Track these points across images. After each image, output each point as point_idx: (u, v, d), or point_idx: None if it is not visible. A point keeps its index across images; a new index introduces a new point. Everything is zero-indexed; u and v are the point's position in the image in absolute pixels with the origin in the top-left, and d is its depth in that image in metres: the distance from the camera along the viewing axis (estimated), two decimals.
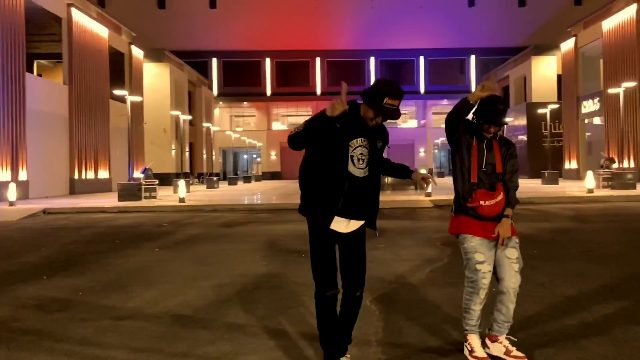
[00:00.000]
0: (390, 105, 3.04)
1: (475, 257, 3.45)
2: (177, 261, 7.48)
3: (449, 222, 3.77)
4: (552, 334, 3.96)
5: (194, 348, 3.87)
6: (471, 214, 3.50)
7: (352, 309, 3.32)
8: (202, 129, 50.52)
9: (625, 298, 4.87)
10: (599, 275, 5.83)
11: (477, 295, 3.46)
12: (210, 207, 17.05)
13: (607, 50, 30.51)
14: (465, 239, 3.51)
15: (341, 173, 3.11)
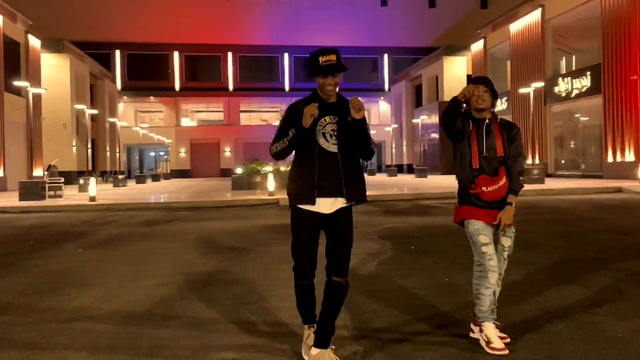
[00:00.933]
0: (327, 61, 3.14)
1: (480, 240, 3.50)
2: (107, 261, 6.96)
3: (379, 217, 3.80)
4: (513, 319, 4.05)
5: (159, 346, 3.58)
6: (474, 202, 3.54)
7: (336, 298, 3.23)
8: (106, 125, 48.01)
9: (570, 282, 5.10)
10: (537, 262, 6.10)
11: (486, 279, 3.47)
12: (123, 206, 16.16)
13: (514, 51, 32.45)
14: (469, 223, 3.56)
15: (314, 150, 3.16)
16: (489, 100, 3.55)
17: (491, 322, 3.49)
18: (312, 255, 3.25)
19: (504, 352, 3.32)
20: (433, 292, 4.91)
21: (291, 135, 3.13)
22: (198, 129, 59.48)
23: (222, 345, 3.61)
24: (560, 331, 3.76)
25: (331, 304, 3.22)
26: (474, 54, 38.49)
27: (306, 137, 3.12)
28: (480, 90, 3.52)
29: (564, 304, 4.42)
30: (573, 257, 6.42)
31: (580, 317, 4.05)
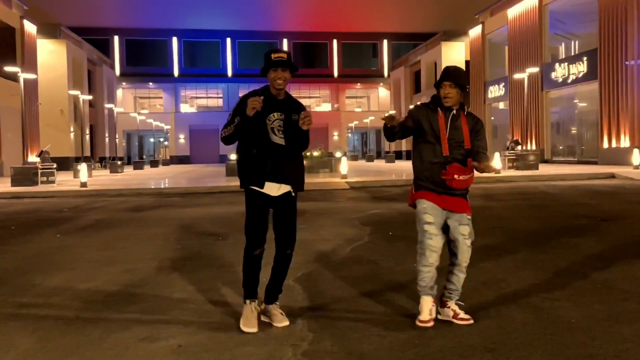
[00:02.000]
0: (278, 57, 3.54)
1: (424, 218, 3.61)
2: (82, 247, 6.95)
3: (365, 204, 3.86)
4: (475, 305, 4.01)
5: (107, 333, 3.55)
6: (431, 187, 3.62)
7: (283, 264, 3.80)
8: (104, 111, 47.92)
9: (538, 268, 5.07)
10: (510, 248, 6.06)
11: (425, 256, 3.60)
12: (114, 192, 16.16)
13: (512, 36, 32.18)
14: (419, 202, 3.67)
15: (264, 142, 3.59)
16: (455, 96, 3.61)
17: (429, 297, 3.63)
18: (263, 228, 3.68)
19: (427, 325, 3.53)
20: (400, 276, 4.88)
21: (236, 122, 3.54)
22: (197, 115, 59.40)
23: (172, 332, 3.58)
24: (515, 316, 3.72)
25: (280, 270, 3.80)
26: (472, 39, 38.20)
27: (249, 125, 3.53)
28: (446, 88, 3.59)
29: (525, 289, 4.39)
30: (547, 243, 6.38)
31: (539, 303, 4.01)
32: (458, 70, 3.67)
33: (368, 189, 14.89)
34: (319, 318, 3.81)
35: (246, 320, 3.59)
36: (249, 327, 3.55)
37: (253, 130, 3.56)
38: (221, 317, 3.89)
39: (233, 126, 3.53)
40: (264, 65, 3.57)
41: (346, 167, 18.58)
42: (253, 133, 3.57)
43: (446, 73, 3.62)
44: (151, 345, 3.36)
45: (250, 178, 3.62)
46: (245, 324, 3.58)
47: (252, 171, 3.60)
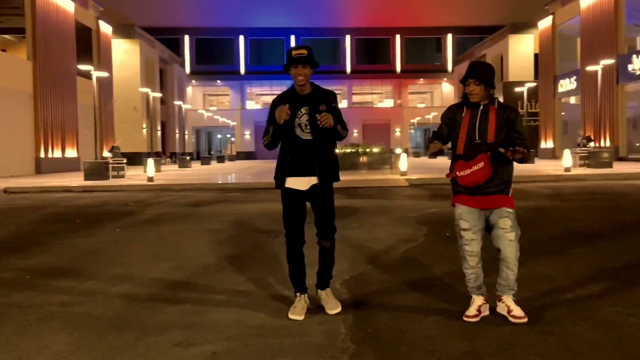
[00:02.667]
0: (298, 54, 3.63)
1: (460, 224, 3.63)
2: (137, 242, 7.02)
3: (424, 202, 3.70)
4: (537, 319, 3.66)
5: (143, 336, 3.47)
6: (461, 190, 3.60)
7: (324, 258, 3.92)
8: (175, 108, 49.43)
9: (611, 278, 4.60)
10: (582, 255, 5.58)
11: (465, 260, 3.66)
12: (179, 187, 16.51)
13: (584, 27, 30.45)
14: (456, 207, 3.68)
15: (289, 139, 3.76)
16: (481, 93, 3.53)
17: (480, 296, 3.67)
18: (299, 223, 3.84)
19: (472, 320, 3.55)
20: (454, 281, 4.55)
21: (271, 131, 3.77)
22: (262, 112, 60.17)
23: (209, 337, 3.45)
24: (583, 334, 3.33)
25: (323, 263, 3.93)
26: (542, 32, 36.44)
27: (284, 131, 3.72)
28: (470, 86, 3.52)
29: (594, 300, 3.96)
30: (621, 249, 5.82)
31: (611, 318, 3.59)
32: (482, 66, 3.58)
33: (428, 187, 14.43)
34: (363, 327, 3.58)
35: (294, 309, 3.77)
36: (295, 315, 3.71)
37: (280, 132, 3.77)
38: (262, 320, 3.74)
39: (269, 135, 3.77)
40: (286, 62, 3.69)
41: (406, 164, 18.13)
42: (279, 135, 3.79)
43: (469, 70, 3.54)
44: (185, 352, 3.23)
45: (277, 177, 3.84)
46: (292, 312, 3.74)
47: (279, 170, 3.82)
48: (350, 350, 3.21)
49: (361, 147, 22.33)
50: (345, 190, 13.74)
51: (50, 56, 27.45)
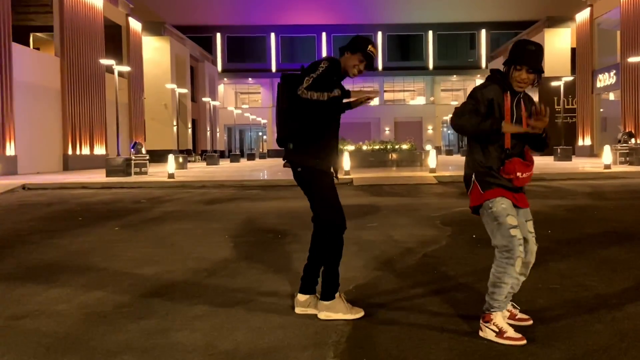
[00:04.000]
0: (371, 52, 3.36)
1: (507, 221, 2.97)
2: (132, 242, 6.46)
3: (452, 200, 2.98)
4: (578, 341, 2.89)
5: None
6: (505, 185, 3.01)
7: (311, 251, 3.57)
8: (206, 105, 49.39)
9: None
10: (628, 261, 4.74)
11: (513, 266, 2.96)
12: (199, 183, 16.03)
13: (624, 20, 28.87)
14: (494, 202, 2.99)
15: (337, 133, 3.54)
16: (529, 83, 3.03)
17: (502, 312, 3.03)
18: None
19: (522, 342, 2.87)
20: (478, 295, 3.80)
21: (337, 94, 3.22)
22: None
23: None
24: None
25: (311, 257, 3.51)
26: (579, 25, 34.81)
27: (338, 106, 3.35)
28: (523, 73, 2.98)
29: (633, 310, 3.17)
30: None
31: None
32: (538, 52, 3.00)
33: (458, 184, 13.54)
34: (356, 356, 2.87)
35: (351, 308, 3.42)
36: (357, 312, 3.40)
37: (335, 115, 3.45)
38: (235, 344, 3.06)
39: (328, 95, 3.19)
40: (353, 45, 3.38)
41: (435, 161, 17.22)
42: (333, 119, 3.45)
43: (528, 55, 2.97)
44: None
45: (330, 161, 3.44)
46: (352, 311, 3.40)
47: (330, 155, 3.45)
48: None
49: (390, 144, 21.54)
50: (370, 188, 13.02)
51: (78, 53, 27.45)
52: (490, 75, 3.11)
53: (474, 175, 3.06)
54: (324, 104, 3.18)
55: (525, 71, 2.96)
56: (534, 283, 3.95)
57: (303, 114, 3.32)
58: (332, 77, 3.28)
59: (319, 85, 3.17)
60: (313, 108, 3.23)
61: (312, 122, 3.34)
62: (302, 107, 3.26)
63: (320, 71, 3.20)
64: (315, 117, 3.33)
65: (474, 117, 2.91)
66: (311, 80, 3.17)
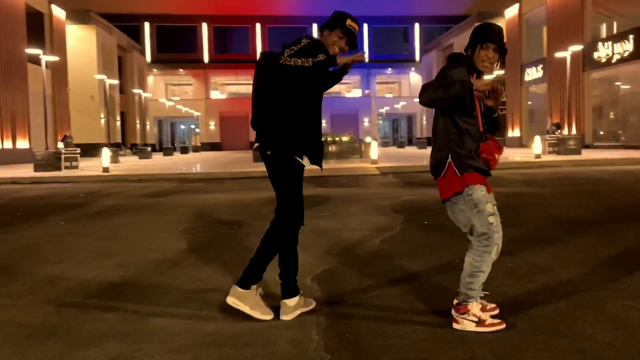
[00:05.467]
0: (351, 27, 3.13)
1: (486, 208, 2.94)
2: (81, 236, 6.27)
3: (397, 190, 3.01)
4: (539, 316, 3.14)
5: (69, 349, 2.81)
6: (482, 169, 2.98)
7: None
8: (135, 98, 47.85)
9: (609, 267, 4.13)
10: (575, 242, 5.12)
11: (489, 254, 2.96)
12: (136, 177, 15.63)
13: (550, 16, 30.49)
14: (474, 189, 2.94)
15: (320, 113, 3.20)
16: (495, 61, 3.05)
17: (477, 301, 3.01)
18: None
19: (501, 327, 2.92)
20: (440, 276, 4.01)
21: (321, 58, 2.94)
22: (227, 102, 59.03)
23: (152, 350, 2.80)
24: (596, 335, 2.82)
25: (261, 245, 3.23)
26: (508, 20, 36.47)
27: (326, 74, 3.03)
28: (490, 52, 3.01)
29: (599, 294, 3.48)
30: (615, 236, 5.39)
31: (621, 314, 3.10)
32: (502, 32, 3.08)
33: (400, 175, 13.97)
34: (339, 332, 2.99)
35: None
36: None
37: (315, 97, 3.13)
38: (218, 327, 3.10)
39: (313, 61, 2.91)
40: (331, 22, 3.18)
41: (377, 152, 17.63)
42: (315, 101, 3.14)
43: (493, 33, 3.01)
44: None
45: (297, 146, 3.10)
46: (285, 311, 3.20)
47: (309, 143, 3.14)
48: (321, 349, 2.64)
49: (330, 136, 21.76)
50: (314, 179, 13.16)
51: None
52: (455, 58, 3.07)
53: (451, 157, 2.94)
54: (309, 70, 2.90)
55: (492, 50, 2.98)
56: None
57: (283, 93, 3.03)
58: (316, 50, 3.02)
59: (302, 54, 2.93)
60: (297, 82, 2.99)
61: (293, 101, 3.04)
62: (283, 84, 3.01)
63: (302, 44, 3.01)
64: (297, 96, 3.04)
65: (439, 86, 2.85)
66: (292, 51, 2.96)
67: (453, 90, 2.80)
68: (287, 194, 3.12)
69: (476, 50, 2.98)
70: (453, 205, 3.02)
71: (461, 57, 3.05)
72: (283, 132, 3.05)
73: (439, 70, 3.01)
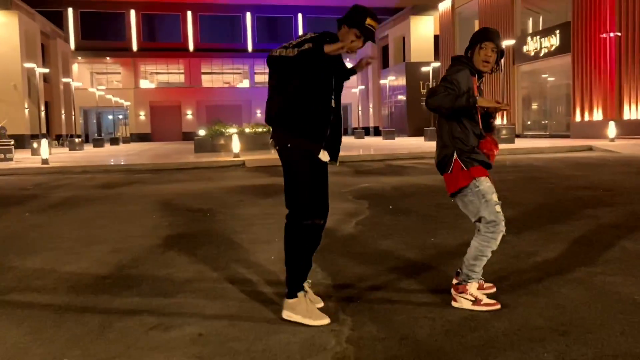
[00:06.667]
0: (371, 27, 3.07)
1: (493, 198, 3.21)
2: (56, 226, 6.29)
3: (351, 178, 3.37)
4: (518, 282, 3.64)
5: (109, 322, 3.03)
6: (486, 162, 3.25)
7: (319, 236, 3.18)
8: (60, 87, 45.83)
9: (566, 241, 4.73)
10: (525, 220, 5.73)
11: (495, 240, 3.21)
12: (79, 169, 15.26)
13: (482, 10, 31.90)
14: (480, 181, 3.21)
15: (329, 104, 3.07)
16: (493, 60, 3.28)
17: (477, 282, 3.27)
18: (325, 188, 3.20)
19: (496, 307, 3.14)
20: (418, 253, 4.47)
21: (306, 47, 2.80)
22: (158, 91, 57.55)
23: (185, 319, 3.07)
24: (569, 294, 3.35)
25: (315, 244, 3.19)
26: (442, 13, 37.85)
27: (314, 62, 2.85)
28: (488, 51, 3.24)
29: (563, 263, 4.03)
30: (562, 214, 6.06)
31: (587, 278, 3.65)
32: (499, 33, 3.34)
33: (348, 164, 14.46)
34: (350, 299, 3.37)
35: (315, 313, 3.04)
36: (322, 319, 3.00)
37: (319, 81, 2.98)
38: (239, 300, 3.40)
39: (299, 50, 2.78)
40: (349, 17, 3.06)
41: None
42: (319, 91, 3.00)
43: (491, 33, 3.24)
44: (165, 335, 2.86)
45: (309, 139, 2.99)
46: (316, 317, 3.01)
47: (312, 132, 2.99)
48: (348, 322, 3.02)
49: None
50: (265, 170, 13.41)
51: None
52: (458, 60, 3.30)
53: (456, 154, 3.18)
54: (293, 60, 2.79)
55: (490, 49, 3.19)
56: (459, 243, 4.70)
57: (290, 87, 2.97)
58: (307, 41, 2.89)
59: (295, 46, 2.84)
60: (284, 73, 2.95)
61: (298, 94, 2.96)
62: (289, 78, 2.97)
63: (301, 39, 2.91)
64: (302, 88, 2.96)
65: (448, 95, 3.07)
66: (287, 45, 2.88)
67: (458, 102, 3.05)
68: (292, 188, 3.03)
69: (475, 50, 3.23)
70: (463, 198, 3.26)
71: (461, 58, 3.29)
72: (290, 126, 2.99)
73: (445, 73, 3.28)
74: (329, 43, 2.91)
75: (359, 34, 3.03)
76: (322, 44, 2.83)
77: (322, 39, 2.92)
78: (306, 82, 2.96)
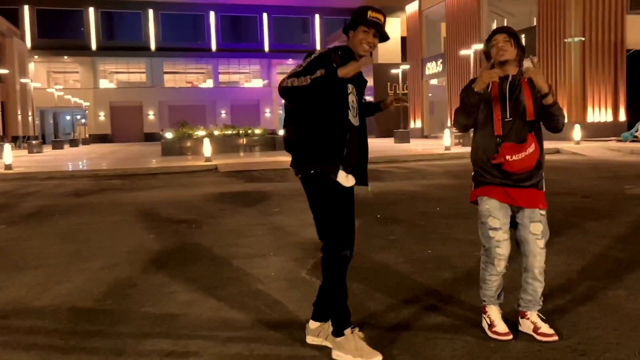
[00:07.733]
0: (375, 18, 2.92)
1: (488, 222, 3.02)
2: (37, 239, 6.05)
3: None
4: None
5: (121, 348, 2.92)
6: (492, 181, 3.02)
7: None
8: (16, 86, 44.30)
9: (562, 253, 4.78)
10: None
11: (492, 265, 3.04)
12: (44, 174, 14.76)
13: (449, 13, 32.31)
14: (482, 200, 3.06)
15: (345, 123, 2.84)
16: (513, 51, 3.01)
17: (496, 307, 3.12)
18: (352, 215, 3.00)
19: (507, 338, 2.98)
20: (420, 268, 4.47)
21: (318, 74, 2.66)
22: (118, 91, 56.30)
23: (201, 344, 2.99)
24: (581, 311, 3.39)
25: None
26: (409, 16, 38.16)
27: (329, 87, 2.70)
28: (499, 42, 3.02)
29: (566, 277, 4.09)
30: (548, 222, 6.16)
31: (593, 293, 3.71)
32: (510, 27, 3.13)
33: None
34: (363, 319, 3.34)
35: (368, 352, 2.82)
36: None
37: (332, 98, 2.77)
38: (249, 323, 3.32)
39: (311, 78, 2.64)
40: (352, 21, 2.93)
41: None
42: (331, 104, 2.78)
43: (495, 30, 3.09)
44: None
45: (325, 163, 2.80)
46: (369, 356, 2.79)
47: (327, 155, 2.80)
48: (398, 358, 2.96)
49: (242, 129, 21.71)
50: (239, 174, 13.25)
51: None
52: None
53: (473, 173, 3.17)
54: (307, 90, 2.66)
55: (502, 40, 3.03)
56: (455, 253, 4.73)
57: (304, 112, 2.83)
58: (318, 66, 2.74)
59: (303, 73, 2.71)
60: (301, 103, 2.81)
61: (313, 118, 2.81)
62: (303, 105, 2.82)
63: (307, 61, 2.80)
64: (317, 112, 2.80)
65: (461, 114, 3.06)
66: (295, 71, 2.76)
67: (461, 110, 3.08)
68: (319, 217, 2.86)
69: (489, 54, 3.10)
70: None
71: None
72: (309, 152, 2.83)
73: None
74: (341, 57, 2.84)
75: (365, 29, 2.90)
76: (335, 69, 2.69)
77: (333, 59, 2.79)
78: (321, 106, 2.79)
